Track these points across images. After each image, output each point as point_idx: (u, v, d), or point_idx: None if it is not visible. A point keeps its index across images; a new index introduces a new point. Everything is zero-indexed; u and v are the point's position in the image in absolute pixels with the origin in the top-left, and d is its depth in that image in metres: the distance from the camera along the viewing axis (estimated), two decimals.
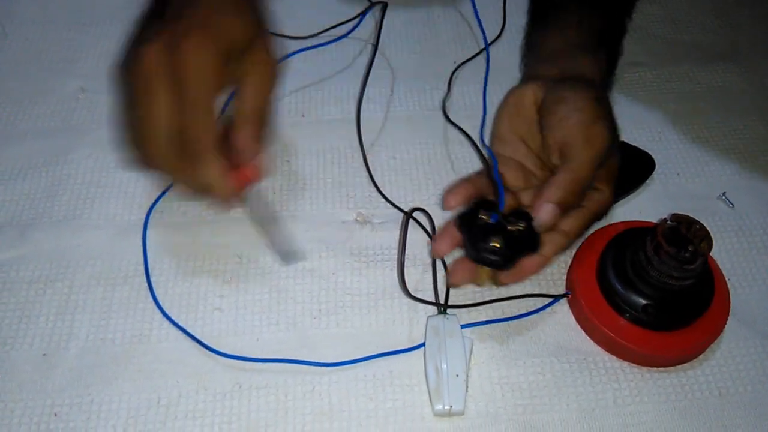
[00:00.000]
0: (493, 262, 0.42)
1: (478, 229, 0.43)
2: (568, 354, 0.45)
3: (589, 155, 0.43)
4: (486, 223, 0.43)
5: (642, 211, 0.52)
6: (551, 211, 0.42)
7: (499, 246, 0.42)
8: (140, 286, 0.48)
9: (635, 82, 0.61)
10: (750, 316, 0.47)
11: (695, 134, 0.57)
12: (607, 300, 0.44)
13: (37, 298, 0.47)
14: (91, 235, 0.50)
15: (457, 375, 0.42)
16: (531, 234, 0.43)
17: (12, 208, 0.52)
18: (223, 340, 0.45)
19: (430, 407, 0.42)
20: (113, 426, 0.42)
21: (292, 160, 0.55)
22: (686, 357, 0.44)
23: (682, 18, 0.67)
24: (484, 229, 0.43)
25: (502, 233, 0.42)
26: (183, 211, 0.51)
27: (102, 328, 0.46)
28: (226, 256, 0.49)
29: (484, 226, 0.43)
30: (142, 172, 0.45)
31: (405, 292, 0.47)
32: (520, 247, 0.43)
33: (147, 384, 0.43)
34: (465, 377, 0.42)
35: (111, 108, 0.58)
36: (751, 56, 0.63)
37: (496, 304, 0.47)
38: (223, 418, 0.42)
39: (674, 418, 0.42)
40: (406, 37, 0.64)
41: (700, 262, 0.41)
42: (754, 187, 0.54)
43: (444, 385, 0.42)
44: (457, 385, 0.42)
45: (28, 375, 0.44)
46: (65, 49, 0.63)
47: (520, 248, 0.43)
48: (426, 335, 0.44)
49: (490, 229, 0.43)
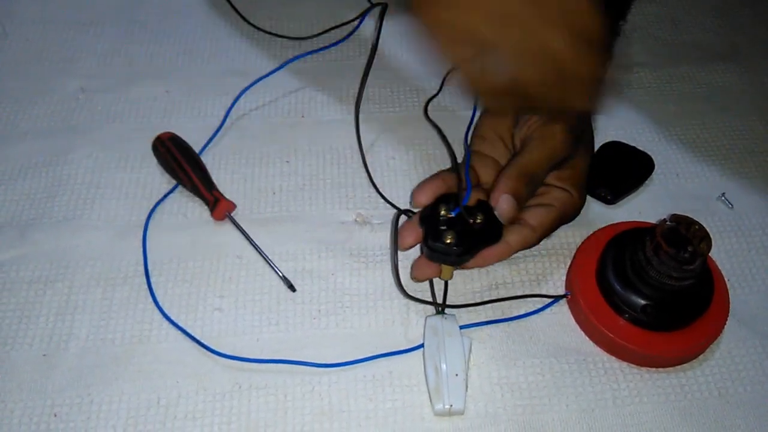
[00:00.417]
0: (445, 260, 0.44)
1: (433, 225, 0.43)
2: (567, 354, 0.45)
3: (539, 151, 0.45)
4: (445, 218, 0.43)
5: (641, 211, 0.52)
6: (505, 200, 0.43)
7: (450, 242, 0.42)
8: (140, 287, 0.48)
9: (635, 82, 0.61)
10: (749, 317, 0.47)
11: (695, 134, 0.57)
12: (607, 300, 0.44)
13: (37, 298, 0.47)
14: (91, 235, 0.50)
15: (457, 374, 0.42)
16: (492, 225, 0.44)
17: (12, 208, 0.52)
18: (222, 341, 0.45)
19: (429, 408, 0.42)
20: (113, 426, 0.42)
21: (291, 160, 0.55)
22: (686, 357, 0.44)
23: (682, 18, 0.67)
24: (440, 225, 0.43)
25: (461, 227, 0.43)
26: (183, 212, 0.52)
27: (102, 329, 0.46)
28: (226, 256, 0.49)
29: (441, 222, 0.43)
30: None
31: (401, 292, 0.47)
32: (477, 239, 0.43)
33: (147, 384, 0.43)
34: (464, 376, 0.42)
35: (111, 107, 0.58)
36: (751, 56, 0.63)
37: (495, 305, 0.47)
38: (222, 418, 0.42)
39: (674, 418, 0.42)
40: (405, 37, 0.64)
41: (699, 263, 0.41)
42: (754, 187, 0.54)
43: (444, 384, 0.42)
44: (456, 384, 0.42)
45: (28, 375, 0.44)
46: (65, 49, 0.63)
47: (477, 241, 0.43)
48: (425, 335, 0.44)
49: (447, 224, 0.43)
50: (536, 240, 0.46)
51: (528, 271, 0.49)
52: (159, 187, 0.53)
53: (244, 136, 0.56)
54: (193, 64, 0.62)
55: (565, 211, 0.47)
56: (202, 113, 0.58)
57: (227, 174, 0.54)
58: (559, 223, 0.47)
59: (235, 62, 0.62)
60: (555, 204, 0.47)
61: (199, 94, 0.59)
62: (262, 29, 0.65)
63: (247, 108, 0.58)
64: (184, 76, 0.61)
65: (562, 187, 0.47)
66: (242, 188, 0.53)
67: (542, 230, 0.46)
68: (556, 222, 0.47)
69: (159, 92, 0.60)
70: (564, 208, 0.47)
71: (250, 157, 0.55)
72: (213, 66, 0.62)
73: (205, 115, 0.58)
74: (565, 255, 0.49)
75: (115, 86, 0.60)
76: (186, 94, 0.59)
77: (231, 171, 0.54)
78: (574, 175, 0.48)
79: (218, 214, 0.50)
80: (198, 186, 0.51)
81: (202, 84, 0.60)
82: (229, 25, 0.65)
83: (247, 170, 0.54)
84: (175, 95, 0.59)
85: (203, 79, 0.61)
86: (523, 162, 0.45)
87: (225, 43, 0.64)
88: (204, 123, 0.57)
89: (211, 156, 0.55)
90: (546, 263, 0.49)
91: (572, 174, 0.48)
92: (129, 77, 0.61)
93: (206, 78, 0.61)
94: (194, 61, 0.62)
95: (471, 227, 0.43)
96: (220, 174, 0.54)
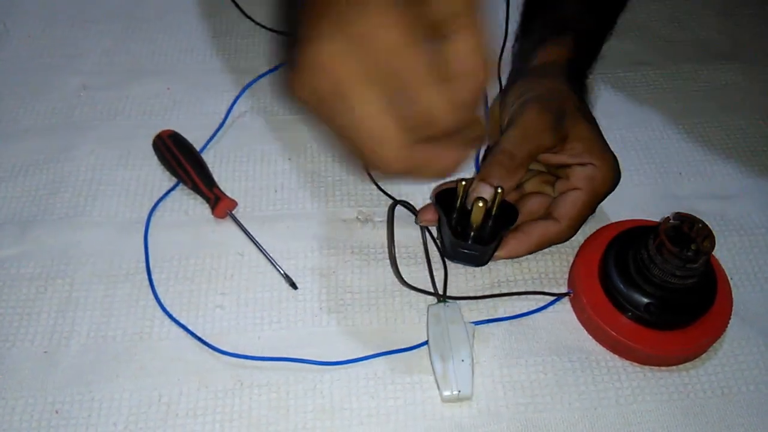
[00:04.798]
0: (471, 262, 0.46)
1: (449, 220, 0.44)
2: (569, 353, 0.45)
3: (512, 130, 0.44)
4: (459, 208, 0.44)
5: (644, 209, 0.51)
6: (481, 187, 0.43)
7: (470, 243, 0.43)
8: (141, 284, 0.47)
9: (638, 80, 0.61)
10: (753, 316, 0.46)
11: (698, 133, 0.57)
12: (610, 299, 0.44)
13: (38, 295, 0.47)
14: (93, 232, 0.50)
15: (463, 360, 0.42)
16: (505, 210, 0.44)
17: (13, 205, 0.52)
18: (224, 338, 0.45)
19: (431, 405, 0.42)
20: (114, 423, 0.42)
21: (293, 158, 0.55)
22: (688, 356, 0.44)
23: (685, 17, 0.66)
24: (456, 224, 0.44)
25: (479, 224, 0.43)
26: (185, 210, 0.51)
27: (103, 326, 0.46)
28: (227, 253, 0.49)
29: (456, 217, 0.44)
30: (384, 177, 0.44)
31: (401, 281, 0.47)
32: (494, 228, 0.44)
33: (148, 382, 0.43)
34: (470, 361, 0.42)
35: (112, 104, 0.58)
36: (754, 55, 0.63)
37: (498, 303, 0.47)
38: (224, 416, 0.42)
39: (676, 417, 0.42)
40: None
41: (702, 261, 0.41)
42: (757, 185, 0.53)
43: (450, 370, 0.42)
44: (463, 369, 0.42)
45: (29, 372, 0.44)
46: (67, 45, 0.63)
47: (495, 229, 0.44)
48: (428, 324, 0.44)
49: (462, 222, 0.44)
50: (566, 231, 0.45)
51: (530, 269, 0.49)
52: (160, 185, 0.53)
53: (245, 134, 0.56)
54: (194, 61, 0.62)
55: (595, 188, 0.45)
56: (203, 111, 0.58)
57: (228, 172, 0.54)
58: (591, 203, 0.45)
59: (237, 59, 0.62)
60: (580, 185, 0.45)
61: (200, 92, 0.59)
62: (264, 26, 0.65)
63: (249, 105, 0.58)
64: (186, 74, 0.61)
65: (580, 162, 0.45)
66: (244, 186, 0.53)
67: (569, 219, 0.45)
68: (587, 205, 0.45)
69: (160, 89, 0.59)
70: (593, 184, 0.45)
71: (252, 155, 0.55)
72: (215, 63, 0.62)
73: (206, 112, 0.58)
74: (568, 253, 0.49)
75: (116, 83, 0.60)
76: (187, 92, 0.59)
77: (232, 169, 0.54)
78: (588, 145, 0.45)
79: (219, 212, 0.50)
80: (198, 184, 0.51)
81: (203, 81, 0.60)
82: (231, 22, 0.65)
83: (249, 168, 0.54)
84: (176, 92, 0.59)
85: (205, 76, 0.61)
86: (498, 148, 0.45)
87: (227, 41, 0.64)
88: (205, 120, 0.57)
89: (212, 153, 0.55)
90: (548, 261, 0.49)
91: (584, 145, 0.45)
92: (131, 74, 0.61)
93: (208, 75, 0.61)
94: (196, 59, 0.62)
95: (485, 222, 0.43)
96: (221, 172, 0.53)
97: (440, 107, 0.30)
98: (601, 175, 0.45)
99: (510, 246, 0.45)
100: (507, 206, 0.45)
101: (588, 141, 0.46)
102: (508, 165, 0.44)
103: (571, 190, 0.45)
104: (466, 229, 0.43)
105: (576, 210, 0.45)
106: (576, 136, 0.45)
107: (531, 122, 0.45)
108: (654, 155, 0.55)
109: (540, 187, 0.48)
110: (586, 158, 0.45)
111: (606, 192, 0.46)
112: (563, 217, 0.45)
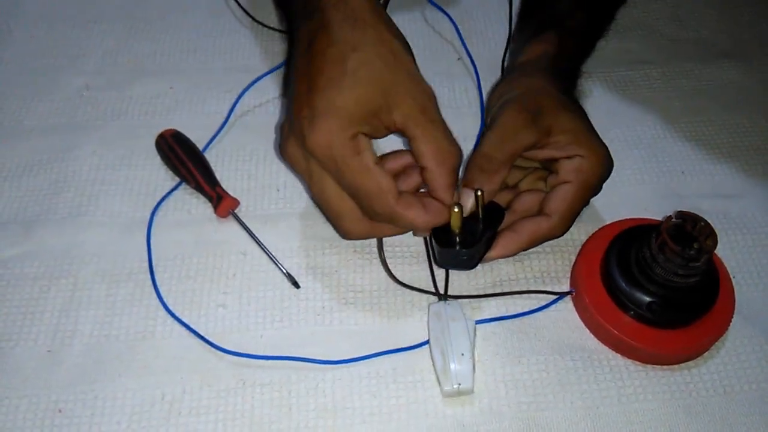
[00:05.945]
0: (459, 266, 0.47)
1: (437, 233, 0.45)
2: (572, 351, 0.45)
3: (491, 133, 0.45)
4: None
5: (647, 208, 0.51)
6: (462, 193, 0.45)
7: (457, 248, 0.44)
8: (144, 283, 0.48)
9: (640, 79, 0.61)
10: (755, 314, 0.46)
11: (700, 131, 0.57)
12: (612, 297, 0.44)
13: (41, 294, 0.47)
14: (96, 232, 0.50)
15: (463, 354, 0.42)
16: (492, 211, 0.45)
17: (16, 204, 0.52)
18: (226, 337, 0.45)
19: (433, 405, 0.42)
20: (117, 422, 0.42)
21: None
22: (691, 355, 0.44)
23: (687, 16, 0.66)
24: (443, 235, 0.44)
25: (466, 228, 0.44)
26: (187, 209, 0.52)
27: (106, 325, 0.46)
28: (230, 252, 0.49)
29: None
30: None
31: (395, 281, 0.47)
32: (482, 229, 0.44)
33: (151, 380, 0.43)
34: (471, 355, 0.42)
35: (115, 104, 0.58)
36: (755, 53, 0.63)
37: (500, 302, 0.47)
38: (226, 414, 0.42)
39: (679, 416, 0.42)
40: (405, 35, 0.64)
41: (705, 260, 0.41)
42: (760, 184, 0.53)
43: (450, 365, 0.42)
44: (463, 363, 0.42)
45: (33, 371, 0.44)
46: (70, 46, 0.63)
47: (483, 230, 0.44)
48: (429, 321, 0.44)
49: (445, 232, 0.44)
50: (558, 226, 0.45)
51: (532, 267, 0.49)
52: (163, 184, 0.53)
53: (248, 133, 0.56)
54: (197, 60, 0.62)
55: (584, 180, 0.44)
56: (206, 110, 0.58)
57: (231, 171, 0.54)
58: (582, 195, 0.45)
59: (239, 59, 0.62)
60: (569, 178, 0.44)
61: (203, 91, 0.59)
62: (266, 25, 0.65)
63: (251, 104, 0.58)
64: (188, 73, 0.61)
65: (567, 155, 0.45)
66: (246, 185, 0.53)
67: (560, 214, 0.44)
68: (577, 197, 0.45)
69: (163, 89, 0.60)
70: (582, 176, 0.44)
71: (254, 154, 0.55)
72: (217, 62, 0.62)
73: (209, 111, 0.58)
74: (570, 252, 0.49)
75: (119, 83, 0.60)
76: (190, 91, 0.59)
77: (235, 168, 0.54)
78: (573, 136, 0.45)
79: (222, 211, 0.50)
80: (201, 183, 0.51)
81: (206, 81, 0.60)
82: (233, 22, 0.65)
83: (251, 167, 0.54)
84: (179, 92, 0.59)
85: (207, 75, 0.61)
86: (477, 152, 0.45)
87: (229, 40, 0.64)
88: (208, 120, 0.57)
89: (215, 153, 0.55)
90: (550, 260, 0.49)
91: (568, 137, 0.44)
92: (133, 74, 0.61)
93: (210, 75, 0.61)
94: (198, 58, 0.62)
95: (474, 225, 0.44)
96: (223, 171, 0.54)
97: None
98: (589, 165, 0.44)
99: (501, 245, 0.45)
100: (494, 208, 0.45)
101: (572, 133, 0.45)
102: (487, 168, 0.44)
103: (561, 184, 0.45)
104: (450, 235, 0.43)
105: (566, 204, 0.45)
106: (559, 129, 0.45)
107: (508, 122, 0.45)
108: (656, 154, 0.55)
109: (535, 184, 0.48)
110: (572, 150, 0.45)
111: (597, 182, 0.45)
112: (554, 212, 0.45)
